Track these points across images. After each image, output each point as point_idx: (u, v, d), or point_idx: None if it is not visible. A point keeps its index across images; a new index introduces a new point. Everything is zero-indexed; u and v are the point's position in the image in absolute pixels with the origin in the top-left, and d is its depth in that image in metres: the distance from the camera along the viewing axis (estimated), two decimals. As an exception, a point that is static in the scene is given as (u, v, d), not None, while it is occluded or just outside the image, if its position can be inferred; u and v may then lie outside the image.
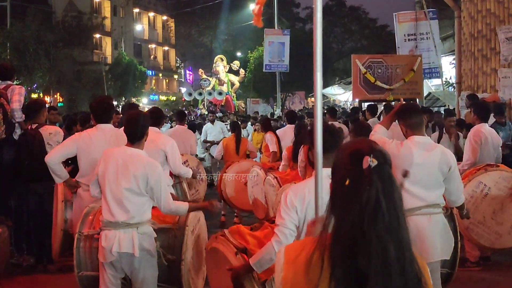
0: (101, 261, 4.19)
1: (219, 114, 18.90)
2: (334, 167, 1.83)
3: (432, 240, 4.27)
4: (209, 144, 14.19)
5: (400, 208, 1.69)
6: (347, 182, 1.70)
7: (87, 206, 4.88)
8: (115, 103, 31.91)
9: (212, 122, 14.74)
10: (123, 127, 4.49)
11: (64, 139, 6.84)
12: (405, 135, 4.53)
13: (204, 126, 15.02)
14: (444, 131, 8.73)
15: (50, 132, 6.82)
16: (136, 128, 4.32)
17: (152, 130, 4.89)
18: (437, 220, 4.35)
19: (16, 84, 7.84)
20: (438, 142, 7.53)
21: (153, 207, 4.35)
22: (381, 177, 1.69)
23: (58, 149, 5.56)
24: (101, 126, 5.50)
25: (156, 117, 6.45)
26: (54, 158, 5.45)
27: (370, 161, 1.70)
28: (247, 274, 3.46)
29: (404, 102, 5.36)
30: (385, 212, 1.65)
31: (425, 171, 4.28)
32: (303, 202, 3.28)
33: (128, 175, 4.15)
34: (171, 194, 4.58)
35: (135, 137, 4.31)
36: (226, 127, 14.58)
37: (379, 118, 10.76)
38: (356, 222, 1.65)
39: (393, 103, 11.29)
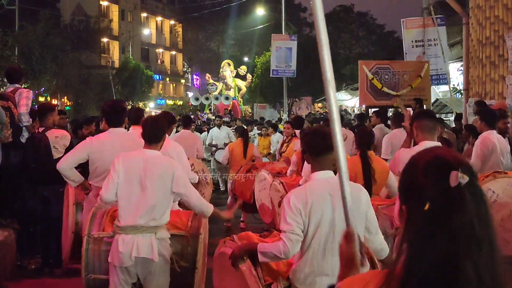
0: (116, 265, 4.17)
1: (226, 119, 18.86)
2: (403, 184, 1.47)
3: None
4: (214, 148, 14.18)
5: (495, 237, 1.37)
6: (426, 207, 1.34)
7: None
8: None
9: (219, 126, 14.72)
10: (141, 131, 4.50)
11: (70, 142, 6.86)
12: (416, 138, 4.51)
13: (210, 131, 15.00)
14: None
15: (57, 135, 6.82)
16: (158, 130, 4.40)
17: None
18: None
19: (24, 88, 7.86)
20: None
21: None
22: (474, 197, 1.34)
23: (68, 156, 5.49)
24: (113, 130, 5.45)
25: (167, 121, 6.43)
26: (65, 165, 5.41)
27: (460, 177, 1.33)
28: (243, 258, 3.52)
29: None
30: (481, 242, 1.33)
31: None
32: (306, 205, 3.26)
33: (153, 176, 4.18)
34: None
35: (157, 138, 4.37)
36: (233, 132, 14.55)
37: (386, 124, 10.66)
38: (444, 256, 1.32)
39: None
